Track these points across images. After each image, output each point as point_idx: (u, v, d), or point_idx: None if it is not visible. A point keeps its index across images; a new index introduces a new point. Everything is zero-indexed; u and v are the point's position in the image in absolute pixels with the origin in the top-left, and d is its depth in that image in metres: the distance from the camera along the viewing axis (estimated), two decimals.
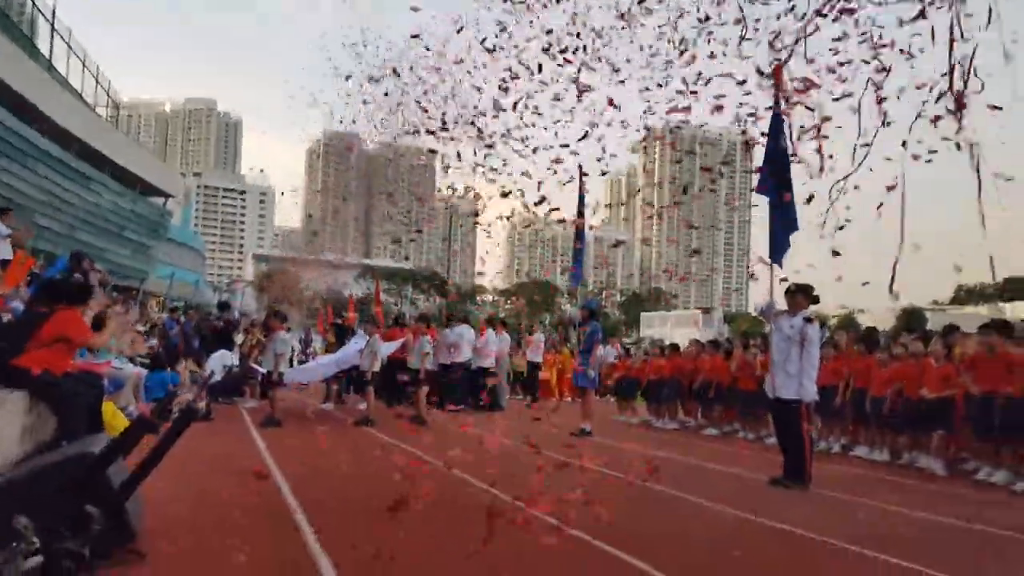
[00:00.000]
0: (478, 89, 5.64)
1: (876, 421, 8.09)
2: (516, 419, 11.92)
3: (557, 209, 5.87)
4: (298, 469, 6.45)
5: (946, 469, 7.15)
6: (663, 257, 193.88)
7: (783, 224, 5.98)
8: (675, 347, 12.56)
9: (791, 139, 5.51)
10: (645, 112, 5.35)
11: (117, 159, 34.23)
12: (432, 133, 6.00)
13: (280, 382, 9.50)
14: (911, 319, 68.69)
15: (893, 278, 3.83)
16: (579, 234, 10.80)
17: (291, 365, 12.66)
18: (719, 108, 4.84)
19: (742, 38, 4.50)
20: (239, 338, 14.20)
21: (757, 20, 4.50)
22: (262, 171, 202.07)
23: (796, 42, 4.30)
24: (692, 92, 4.82)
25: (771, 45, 4.42)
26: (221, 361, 11.84)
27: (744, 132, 5.57)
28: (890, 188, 4.03)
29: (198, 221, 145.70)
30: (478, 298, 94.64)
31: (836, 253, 4.45)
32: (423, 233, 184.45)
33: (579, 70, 5.09)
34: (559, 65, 5.17)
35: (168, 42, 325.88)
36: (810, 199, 5.39)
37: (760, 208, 6.30)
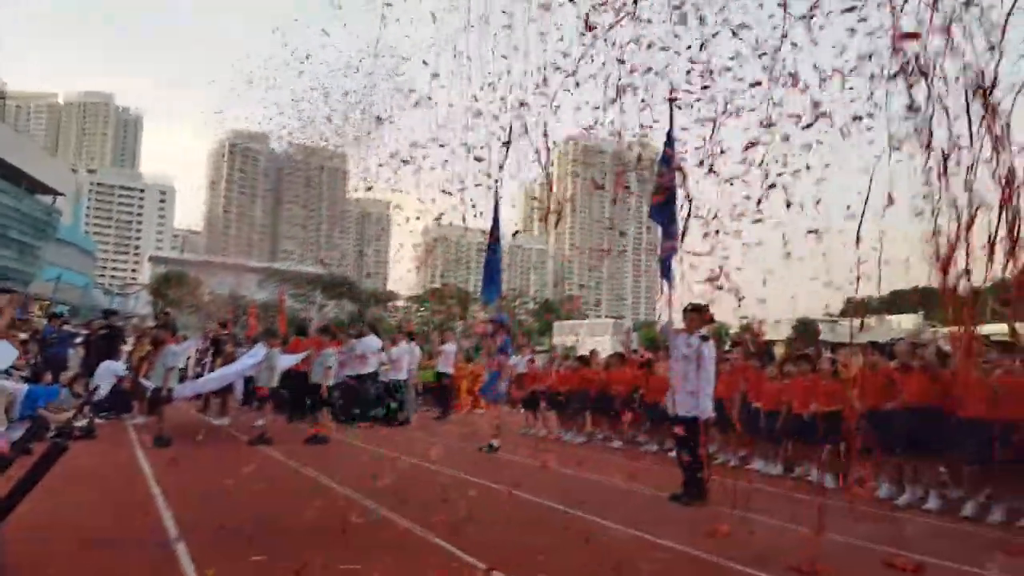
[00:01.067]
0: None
1: (769, 435, 8.37)
2: (423, 433, 11.76)
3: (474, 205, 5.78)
4: (185, 493, 6.09)
5: (835, 482, 7.44)
6: (575, 264, 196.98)
7: (669, 245, 6.16)
8: (583, 358, 12.62)
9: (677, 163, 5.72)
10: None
11: (0, 153, 31.93)
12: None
13: (169, 398, 8.98)
14: (806, 330, 72.39)
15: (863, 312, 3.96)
16: (492, 247, 10.71)
17: (199, 374, 12.03)
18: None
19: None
20: (128, 347, 13.40)
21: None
22: (163, 169, 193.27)
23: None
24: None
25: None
26: (108, 373, 11.11)
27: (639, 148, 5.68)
28: (759, 200, 4.18)
29: (90, 221, 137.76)
30: (389, 304, 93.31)
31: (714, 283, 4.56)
32: (334, 237, 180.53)
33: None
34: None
35: (66, 31, 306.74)
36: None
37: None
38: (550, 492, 6.43)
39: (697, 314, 6.37)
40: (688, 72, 4.59)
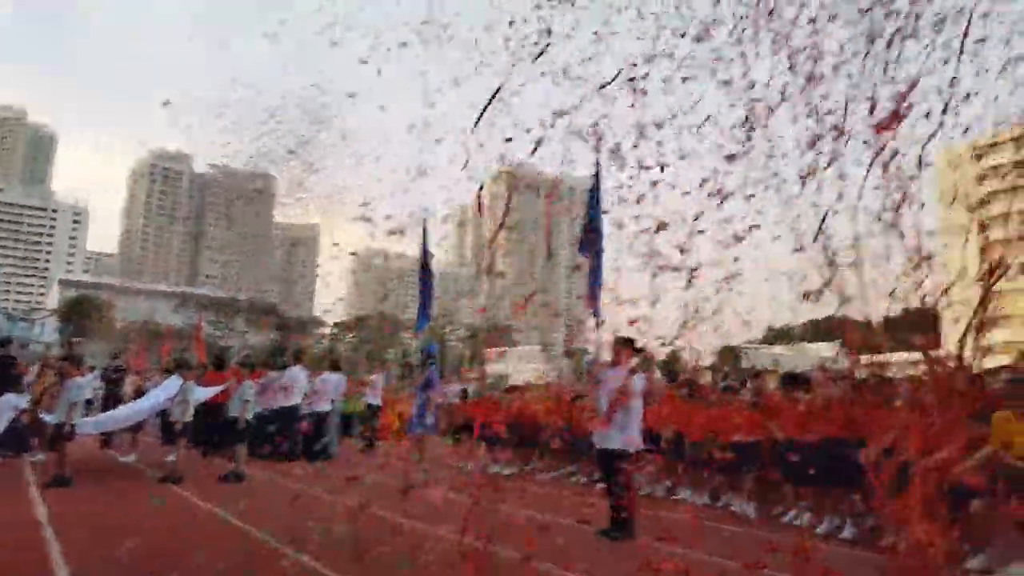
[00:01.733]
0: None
1: (695, 465, 8.47)
2: (346, 467, 11.37)
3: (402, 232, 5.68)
4: (81, 537, 5.67)
5: (757, 512, 7.57)
6: (507, 292, 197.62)
7: (596, 279, 6.21)
8: (514, 388, 12.58)
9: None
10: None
11: None
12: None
13: (71, 435, 8.40)
14: (729, 356, 74.55)
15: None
16: (425, 271, 10.56)
17: (106, 407, 11.31)
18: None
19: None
20: (30, 378, 12.55)
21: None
22: (78, 189, 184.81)
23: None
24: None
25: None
26: (7, 406, 10.34)
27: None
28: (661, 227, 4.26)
29: None
30: (316, 331, 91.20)
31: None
32: (258, 262, 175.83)
33: None
34: None
35: None
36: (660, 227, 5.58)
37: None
38: (477, 527, 6.28)
39: (625, 347, 6.40)
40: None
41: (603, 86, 4.58)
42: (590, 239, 6.25)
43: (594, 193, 6.31)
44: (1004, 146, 80.00)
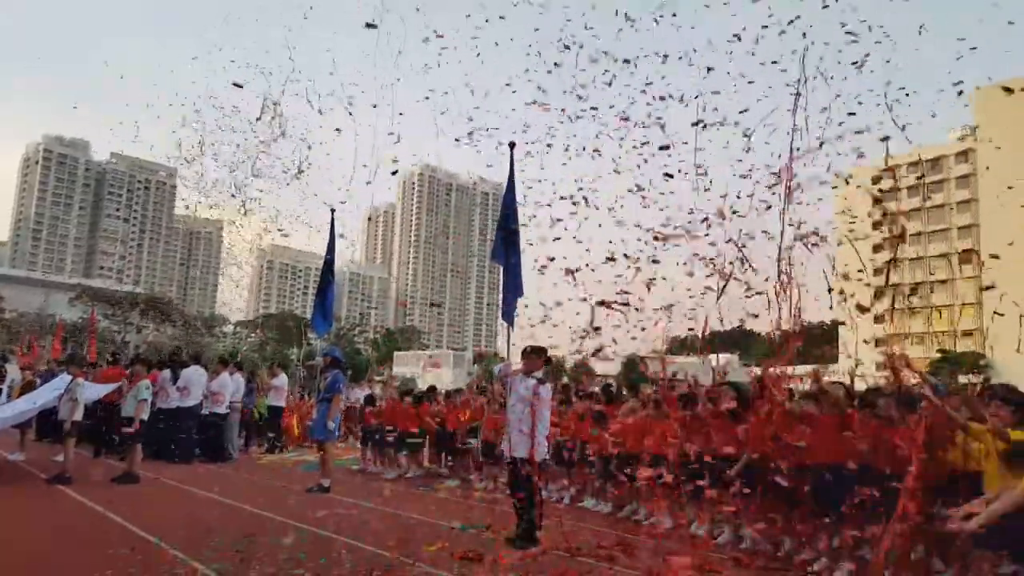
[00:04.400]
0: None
1: (602, 475, 8.63)
2: (245, 471, 11.05)
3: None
4: None
5: (670, 520, 7.74)
6: (419, 293, 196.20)
7: (512, 287, 6.30)
8: (418, 398, 12.36)
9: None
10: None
11: None
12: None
13: None
14: (633, 367, 76.61)
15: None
16: (327, 280, 10.36)
17: None
18: None
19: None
20: None
21: None
22: None
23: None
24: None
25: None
26: None
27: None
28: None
29: None
30: (217, 330, 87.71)
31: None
32: (157, 255, 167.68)
33: None
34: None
35: None
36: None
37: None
38: (383, 536, 6.22)
39: (536, 355, 6.50)
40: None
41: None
42: (507, 245, 6.30)
43: (509, 201, 6.39)
44: (900, 169, 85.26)
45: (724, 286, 4.08)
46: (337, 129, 5.21)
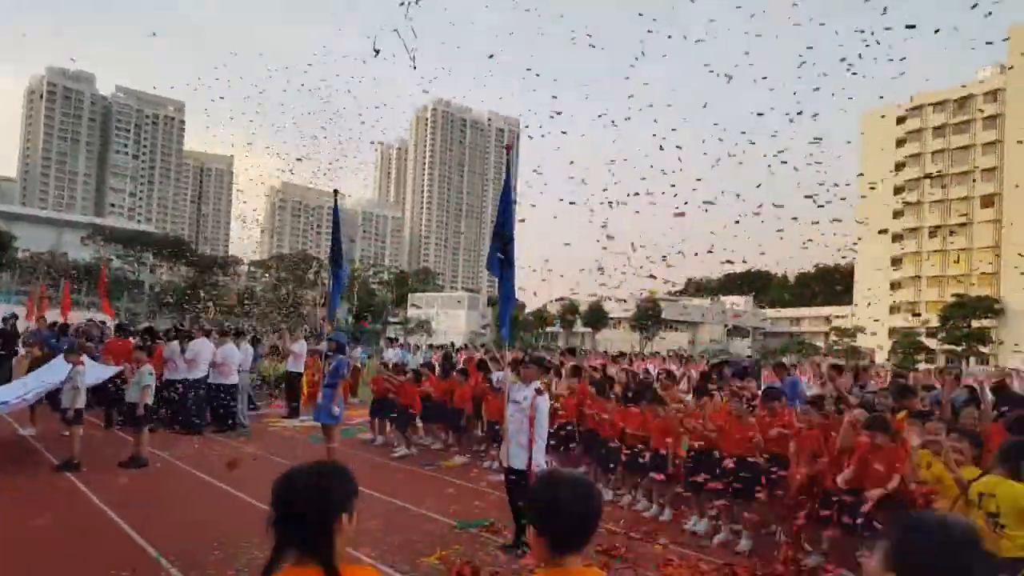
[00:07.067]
0: None
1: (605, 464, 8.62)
2: (255, 447, 11.10)
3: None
4: None
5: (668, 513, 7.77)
6: (432, 235, 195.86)
7: (506, 298, 6.15)
8: (418, 374, 12.29)
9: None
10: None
11: None
12: None
13: None
14: (651, 310, 76.74)
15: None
16: (335, 270, 10.23)
17: None
18: None
19: None
20: None
21: None
22: None
23: None
24: None
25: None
26: None
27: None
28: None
29: None
30: (231, 270, 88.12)
31: None
32: (168, 192, 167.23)
33: None
34: None
35: None
36: None
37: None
38: (382, 538, 6.26)
39: (535, 366, 6.39)
40: None
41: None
42: (503, 252, 6.11)
43: (505, 204, 6.15)
44: (926, 109, 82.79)
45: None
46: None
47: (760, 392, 8.08)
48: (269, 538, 1.70)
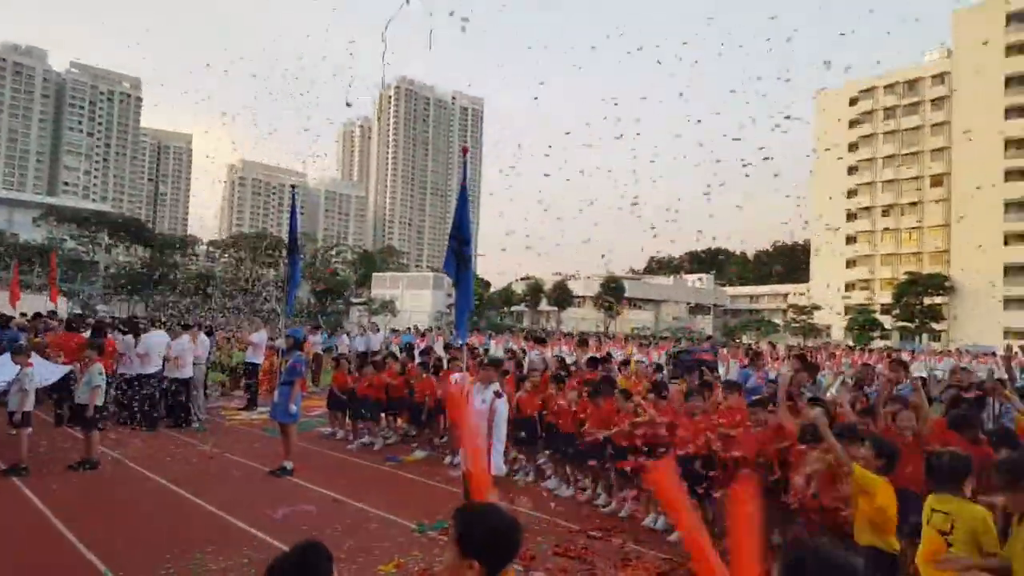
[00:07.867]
0: None
1: (564, 456, 8.68)
2: (211, 444, 10.89)
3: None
4: None
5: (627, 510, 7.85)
6: (397, 214, 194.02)
7: (463, 302, 6.11)
8: (375, 363, 12.14)
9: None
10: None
11: None
12: None
13: None
14: (613, 287, 77.21)
15: None
16: (291, 258, 10.03)
17: None
18: None
19: None
20: None
21: None
22: None
23: None
24: None
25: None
26: None
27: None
28: None
29: None
30: (189, 250, 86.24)
31: None
32: (124, 170, 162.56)
33: None
34: None
35: None
36: None
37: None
38: (340, 543, 6.20)
39: (493, 369, 6.36)
40: None
41: None
42: (457, 259, 6.05)
43: (461, 210, 6.08)
44: (877, 91, 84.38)
45: None
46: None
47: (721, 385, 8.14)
48: None
